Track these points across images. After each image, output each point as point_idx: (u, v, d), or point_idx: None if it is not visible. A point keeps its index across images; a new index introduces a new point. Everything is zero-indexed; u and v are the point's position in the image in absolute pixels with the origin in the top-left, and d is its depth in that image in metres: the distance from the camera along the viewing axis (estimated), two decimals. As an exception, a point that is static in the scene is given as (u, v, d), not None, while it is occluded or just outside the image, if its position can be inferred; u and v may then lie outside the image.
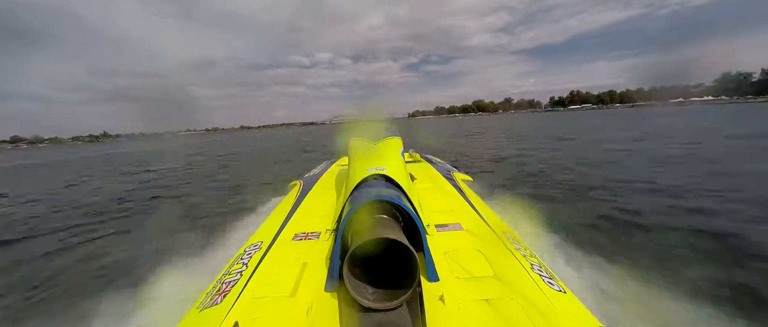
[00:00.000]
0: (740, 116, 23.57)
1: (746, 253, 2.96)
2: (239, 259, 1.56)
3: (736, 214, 3.89)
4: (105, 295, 2.67)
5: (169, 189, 8.13)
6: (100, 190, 8.82)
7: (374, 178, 1.87)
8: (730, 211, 3.98)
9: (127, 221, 5.39)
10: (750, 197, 4.44)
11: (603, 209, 4.29)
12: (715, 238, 3.28)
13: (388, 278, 1.25)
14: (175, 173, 10.91)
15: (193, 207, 5.97)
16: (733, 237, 3.27)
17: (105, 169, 14.70)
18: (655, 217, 3.95)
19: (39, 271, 3.57)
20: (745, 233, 3.31)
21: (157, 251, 3.42)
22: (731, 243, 3.16)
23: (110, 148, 44.20)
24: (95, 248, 4.14)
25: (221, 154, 18.77)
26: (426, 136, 20.99)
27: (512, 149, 11.70)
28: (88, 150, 43.34)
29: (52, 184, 10.61)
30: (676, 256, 2.96)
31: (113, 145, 56.48)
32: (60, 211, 6.48)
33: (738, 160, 7.18)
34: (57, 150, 57.46)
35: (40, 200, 7.84)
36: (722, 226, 3.56)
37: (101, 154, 27.52)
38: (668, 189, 5.12)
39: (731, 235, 3.30)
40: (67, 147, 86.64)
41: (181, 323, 1.16)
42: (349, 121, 2.69)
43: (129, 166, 14.70)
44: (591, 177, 6.41)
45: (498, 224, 1.89)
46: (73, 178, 11.81)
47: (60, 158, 27.71)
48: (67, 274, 3.42)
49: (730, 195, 4.60)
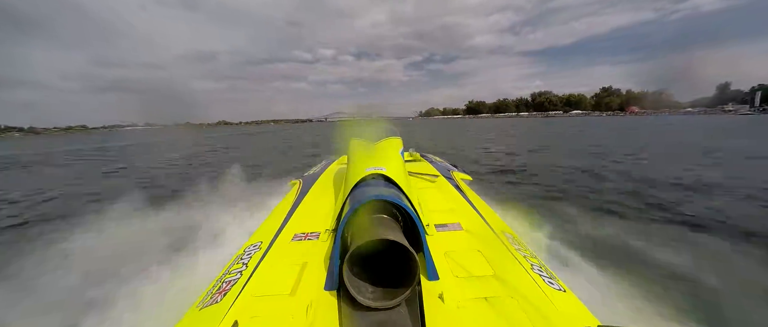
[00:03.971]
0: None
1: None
2: (239, 258, 1.56)
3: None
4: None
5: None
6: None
7: (373, 177, 1.87)
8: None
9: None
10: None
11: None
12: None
13: (388, 277, 1.25)
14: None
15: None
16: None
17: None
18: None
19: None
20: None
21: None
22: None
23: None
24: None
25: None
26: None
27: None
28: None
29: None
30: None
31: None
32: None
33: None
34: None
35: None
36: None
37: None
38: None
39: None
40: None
41: (181, 322, 1.16)
42: (347, 119, 2.68)
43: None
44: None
45: (498, 224, 1.89)
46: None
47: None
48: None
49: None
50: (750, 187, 5.76)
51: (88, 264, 2.91)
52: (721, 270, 2.75)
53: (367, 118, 2.65)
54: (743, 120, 39.86)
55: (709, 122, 33.12)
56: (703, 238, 3.70)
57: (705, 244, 3.53)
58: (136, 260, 2.82)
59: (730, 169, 7.62)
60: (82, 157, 17.54)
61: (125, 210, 4.29)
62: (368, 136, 2.50)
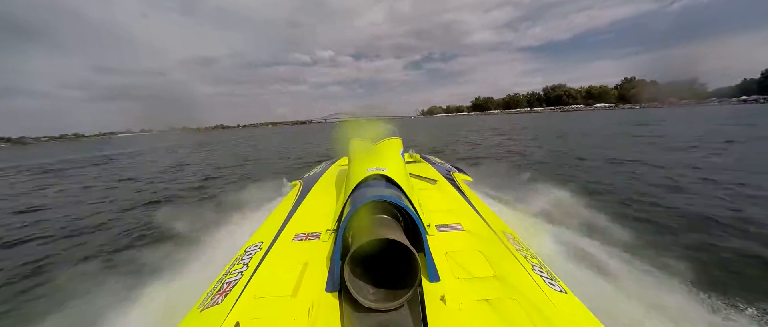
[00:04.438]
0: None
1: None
2: (240, 259, 1.55)
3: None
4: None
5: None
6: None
7: (374, 178, 1.87)
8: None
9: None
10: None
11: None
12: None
13: (389, 278, 1.25)
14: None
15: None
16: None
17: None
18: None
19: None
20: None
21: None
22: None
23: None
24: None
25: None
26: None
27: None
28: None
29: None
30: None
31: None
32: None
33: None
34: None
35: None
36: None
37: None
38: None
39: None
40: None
41: (182, 323, 1.15)
42: (347, 119, 2.68)
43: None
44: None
45: (498, 225, 1.90)
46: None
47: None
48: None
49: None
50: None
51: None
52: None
53: (367, 118, 2.66)
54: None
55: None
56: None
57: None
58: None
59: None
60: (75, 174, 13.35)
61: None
62: (369, 137, 2.51)
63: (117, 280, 3.09)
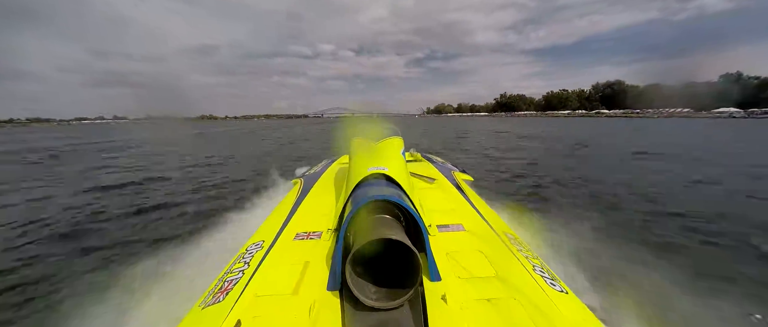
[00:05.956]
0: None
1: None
2: (241, 257, 1.55)
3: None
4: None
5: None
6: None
7: (375, 177, 1.87)
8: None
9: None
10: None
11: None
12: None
13: (390, 277, 1.25)
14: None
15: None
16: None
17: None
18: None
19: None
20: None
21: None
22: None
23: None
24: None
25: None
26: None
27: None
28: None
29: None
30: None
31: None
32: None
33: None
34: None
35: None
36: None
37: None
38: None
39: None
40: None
41: (184, 321, 1.16)
42: (347, 115, 2.67)
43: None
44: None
45: (499, 225, 1.90)
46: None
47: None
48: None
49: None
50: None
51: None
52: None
53: (368, 115, 2.66)
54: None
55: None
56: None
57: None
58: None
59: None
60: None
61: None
62: (369, 136, 2.50)
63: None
